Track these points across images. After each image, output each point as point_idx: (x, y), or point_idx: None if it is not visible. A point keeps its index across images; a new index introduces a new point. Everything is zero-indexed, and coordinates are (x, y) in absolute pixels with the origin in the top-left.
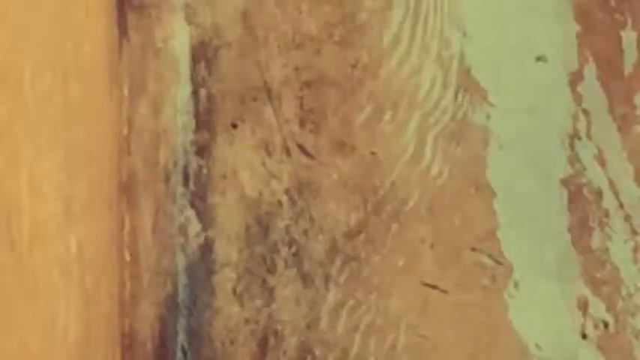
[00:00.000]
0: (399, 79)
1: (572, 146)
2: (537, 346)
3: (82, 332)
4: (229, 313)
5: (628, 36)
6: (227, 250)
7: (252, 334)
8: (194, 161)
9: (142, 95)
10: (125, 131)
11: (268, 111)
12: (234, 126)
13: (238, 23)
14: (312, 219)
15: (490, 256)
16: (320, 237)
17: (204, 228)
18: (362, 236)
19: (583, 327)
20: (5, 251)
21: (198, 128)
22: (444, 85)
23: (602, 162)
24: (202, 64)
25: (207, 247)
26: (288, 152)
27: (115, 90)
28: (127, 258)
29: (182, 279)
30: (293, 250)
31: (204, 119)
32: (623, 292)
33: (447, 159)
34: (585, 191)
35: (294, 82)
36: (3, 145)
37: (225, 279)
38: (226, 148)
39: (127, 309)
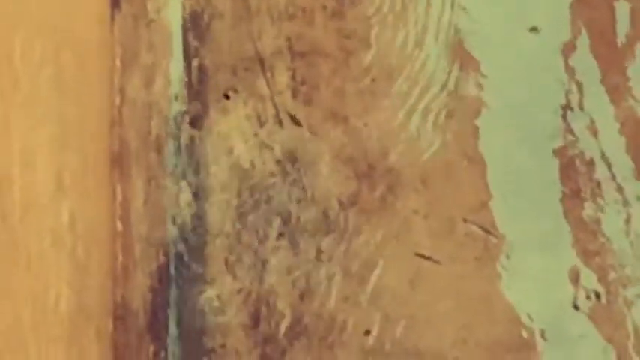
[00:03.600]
0: (392, 51)
1: (564, 117)
2: (529, 316)
3: (74, 302)
4: (221, 284)
5: (621, 6)
6: (219, 221)
7: (245, 305)
8: (186, 132)
9: (134, 66)
10: (117, 102)
11: (261, 82)
12: (227, 97)
13: None
14: (304, 190)
15: (482, 228)
16: (312, 208)
17: (197, 198)
18: (354, 207)
19: (575, 298)
20: None
21: (190, 99)
22: (437, 56)
23: (594, 133)
24: (194, 35)
25: (199, 218)
26: (280, 123)
27: (106, 61)
28: (119, 228)
29: (174, 249)
30: (285, 220)
31: (196, 90)
32: (615, 263)
33: (440, 130)
34: (577, 162)
35: (287, 53)
36: None
37: (218, 250)
38: (219, 119)
39: (119, 279)
